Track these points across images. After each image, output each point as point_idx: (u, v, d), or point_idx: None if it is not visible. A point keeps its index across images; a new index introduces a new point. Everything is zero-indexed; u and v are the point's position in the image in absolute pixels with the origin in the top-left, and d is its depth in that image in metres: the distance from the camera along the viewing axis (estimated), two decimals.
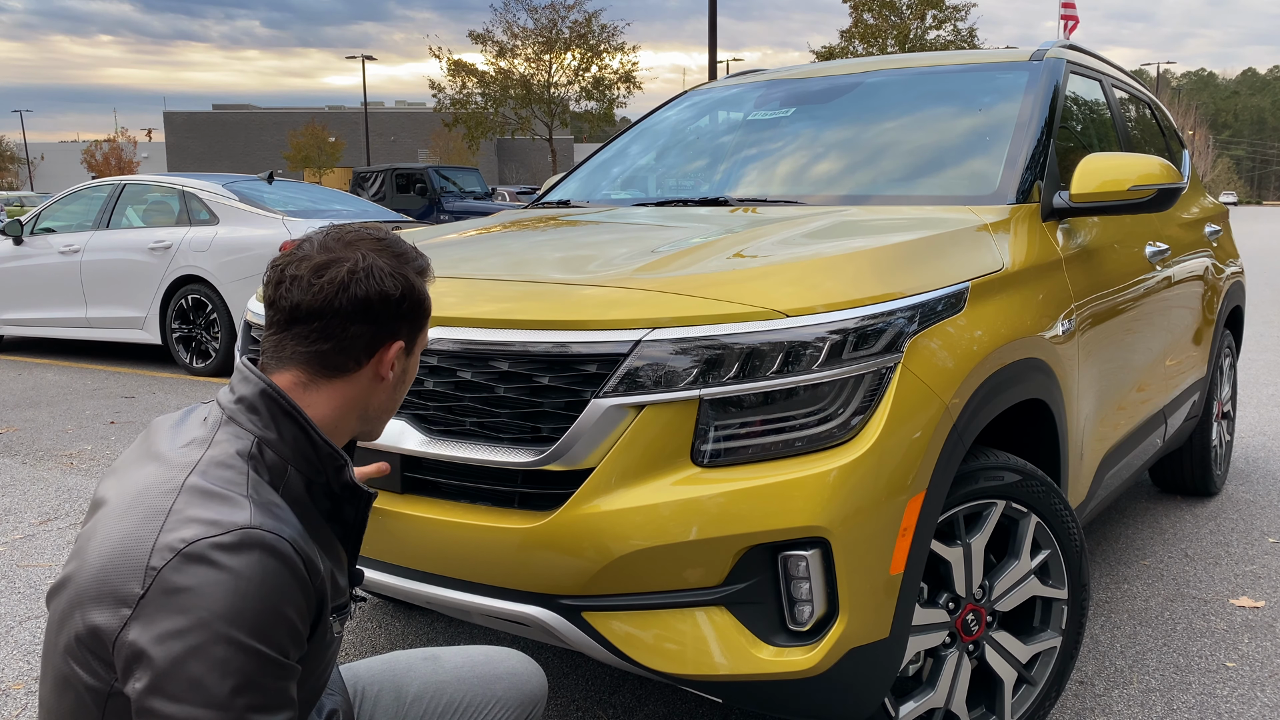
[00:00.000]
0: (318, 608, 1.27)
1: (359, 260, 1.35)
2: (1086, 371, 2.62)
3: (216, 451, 1.28)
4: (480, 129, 42.86)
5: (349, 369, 1.37)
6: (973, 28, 44.28)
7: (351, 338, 1.35)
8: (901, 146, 3.11)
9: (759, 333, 1.83)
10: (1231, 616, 3.11)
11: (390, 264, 1.37)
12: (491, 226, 2.92)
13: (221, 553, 1.15)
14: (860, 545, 1.81)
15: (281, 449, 1.32)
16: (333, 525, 1.40)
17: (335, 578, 1.37)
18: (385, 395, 1.43)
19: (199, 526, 1.17)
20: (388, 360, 1.38)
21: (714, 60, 17.68)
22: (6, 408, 6.61)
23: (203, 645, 1.11)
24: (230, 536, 1.16)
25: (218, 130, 71.59)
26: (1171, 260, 3.47)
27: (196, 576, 1.14)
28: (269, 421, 1.32)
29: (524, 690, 1.74)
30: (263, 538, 1.18)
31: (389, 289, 1.35)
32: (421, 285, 1.42)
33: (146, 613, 1.14)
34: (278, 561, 1.18)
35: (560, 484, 1.86)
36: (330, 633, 1.35)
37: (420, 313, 1.42)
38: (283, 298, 1.35)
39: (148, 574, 1.15)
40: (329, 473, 1.36)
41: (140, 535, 1.18)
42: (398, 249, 1.41)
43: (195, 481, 1.23)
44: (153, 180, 8.59)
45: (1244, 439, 5.37)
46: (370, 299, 1.34)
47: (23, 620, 3.17)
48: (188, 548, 1.15)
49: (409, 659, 1.75)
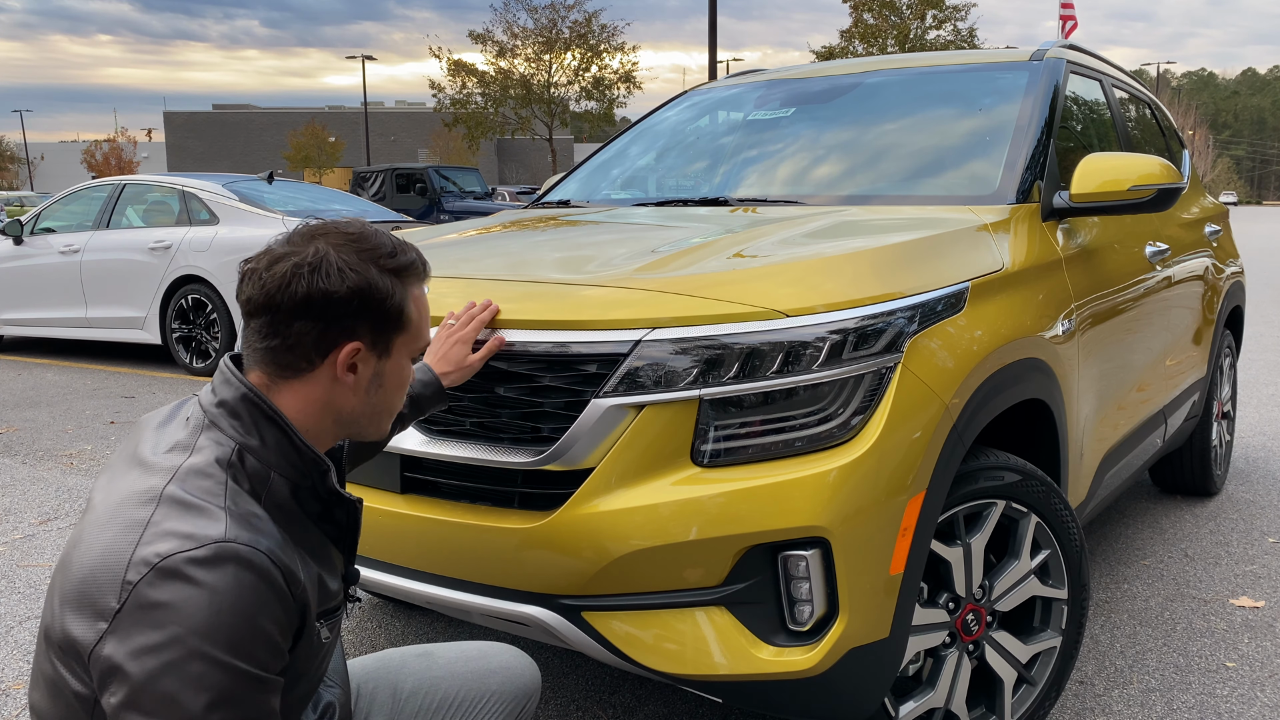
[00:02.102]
0: (300, 618, 1.26)
1: (311, 254, 1.30)
2: (1086, 371, 2.62)
3: (196, 459, 1.26)
4: (480, 129, 42.87)
5: (302, 369, 1.33)
6: (973, 28, 44.32)
7: (296, 335, 1.30)
8: (901, 146, 3.11)
9: (759, 333, 1.83)
10: (1231, 616, 3.11)
11: (348, 259, 1.32)
12: (491, 226, 2.92)
13: (196, 567, 1.14)
14: (860, 545, 1.80)
15: (264, 454, 1.29)
16: (324, 527, 1.38)
17: (324, 582, 1.35)
18: (356, 399, 1.37)
19: (174, 540, 1.15)
20: (341, 361, 1.33)
21: (714, 60, 17.68)
22: (6, 408, 6.61)
23: (177, 661, 1.11)
24: (205, 551, 1.15)
25: (218, 130, 71.58)
26: (1171, 260, 3.47)
27: (171, 592, 1.13)
28: (250, 426, 1.30)
29: (518, 684, 1.74)
30: (238, 551, 1.16)
31: (331, 286, 1.29)
32: (385, 283, 1.34)
33: (122, 627, 1.13)
34: (253, 575, 1.16)
35: (560, 484, 1.86)
36: (318, 638, 1.33)
37: (383, 313, 1.34)
38: (241, 291, 1.33)
39: (124, 588, 1.14)
40: (314, 477, 1.34)
41: (118, 548, 1.17)
42: (366, 244, 1.35)
43: (173, 491, 1.21)
44: (153, 180, 8.59)
45: (1244, 439, 5.37)
46: (310, 295, 1.29)
47: (23, 620, 3.17)
48: (162, 562, 1.14)
49: (403, 656, 1.75)
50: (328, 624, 1.37)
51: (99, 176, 58.54)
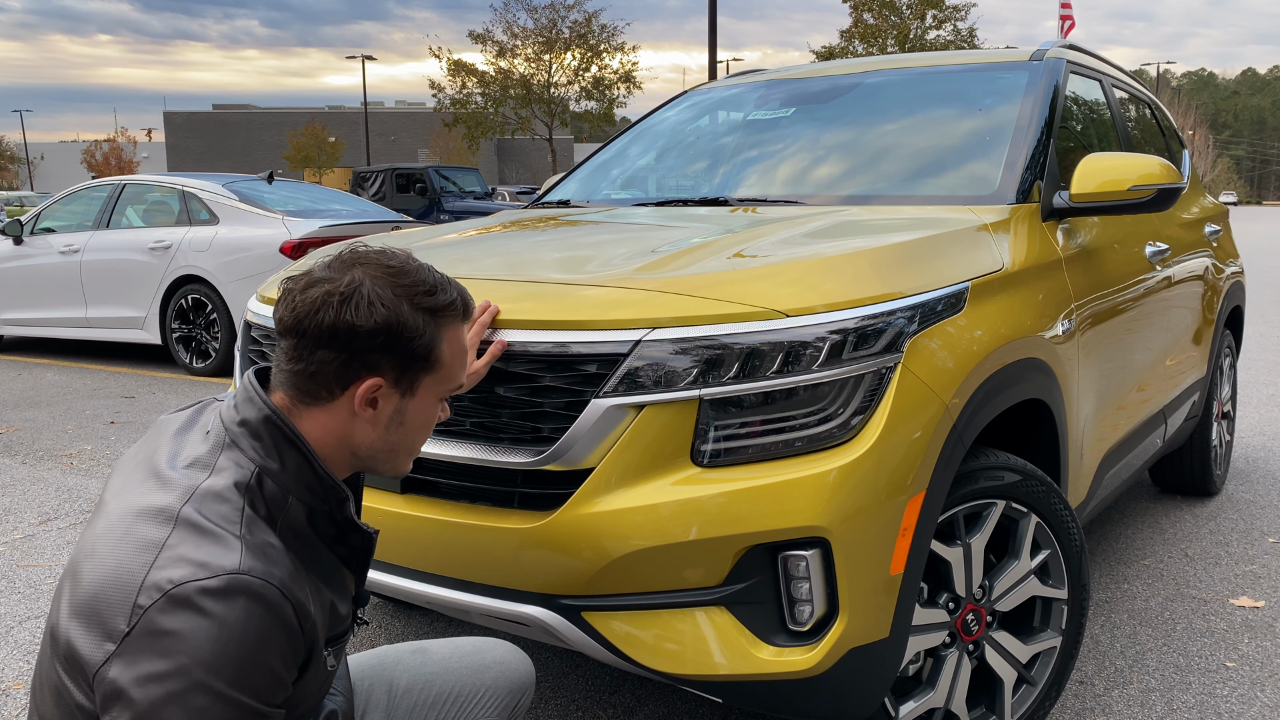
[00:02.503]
0: (307, 651, 1.25)
1: (346, 283, 1.29)
2: (1086, 371, 2.62)
3: (215, 482, 1.25)
4: (480, 129, 42.86)
5: (322, 397, 1.32)
6: (973, 28, 44.33)
7: (319, 363, 1.30)
8: (901, 147, 3.11)
9: (759, 333, 1.83)
10: (1231, 616, 3.11)
11: (382, 293, 1.29)
12: (491, 226, 2.92)
13: (208, 598, 1.13)
14: (860, 545, 1.80)
15: (283, 479, 1.28)
16: (337, 549, 1.38)
17: (335, 607, 1.35)
18: (375, 435, 1.35)
19: (188, 568, 1.15)
20: (360, 395, 1.31)
21: (714, 60, 17.68)
22: (6, 408, 6.61)
23: (182, 692, 1.11)
24: (217, 582, 1.14)
25: (218, 130, 71.58)
26: (1171, 260, 3.47)
27: (181, 621, 1.12)
28: (271, 449, 1.29)
29: (512, 678, 1.75)
30: (250, 584, 1.16)
31: (359, 320, 1.27)
32: (417, 321, 1.31)
33: (129, 651, 1.13)
34: (264, 609, 1.16)
35: (560, 484, 1.86)
36: (324, 666, 1.32)
37: (409, 351, 1.31)
38: (275, 309, 1.34)
39: (134, 611, 1.14)
40: (332, 504, 1.33)
41: (131, 568, 1.17)
42: (404, 279, 1.32)
43: (189, 514, 1.21)
44: (153, 180, 8.59)
45: (1244, 439, 5.37)
46: (337, 326, 1.28)
47: (23, 620, 3.17)
48: (175, 589, 1.13)
49: (397, 653, 1.75)
50: (334, 651, 1.37)
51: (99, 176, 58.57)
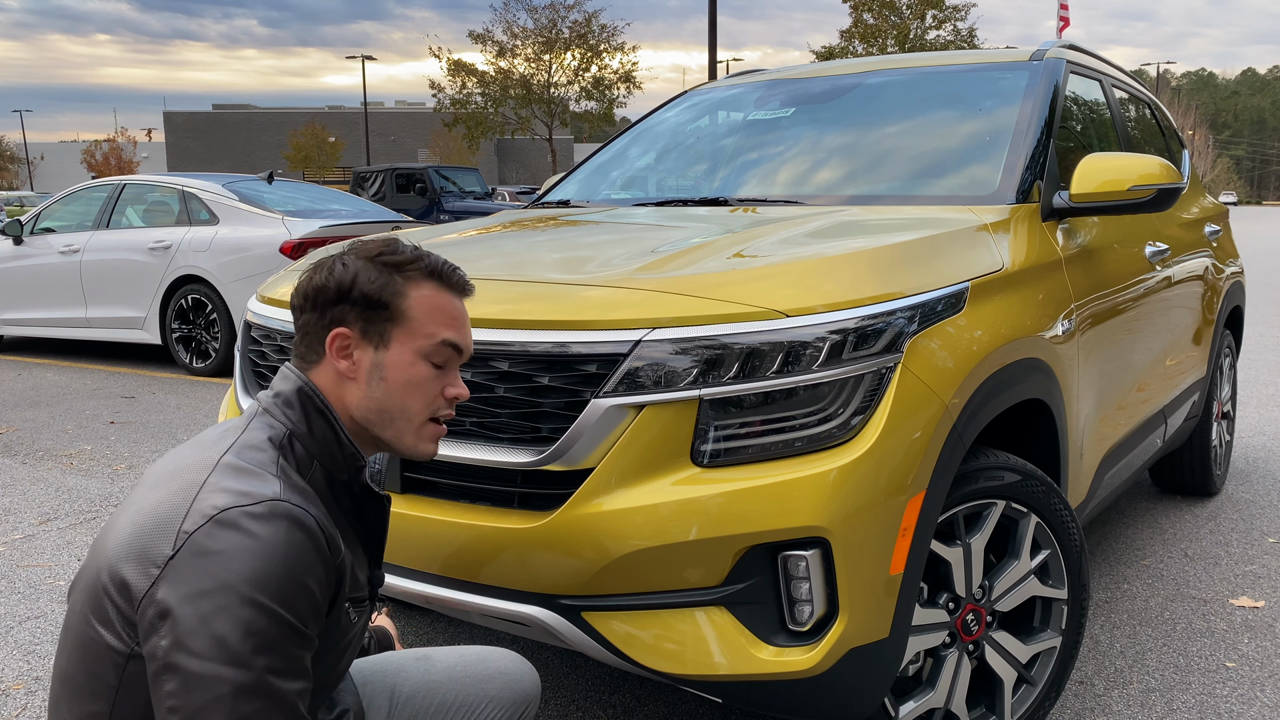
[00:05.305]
0: (336, 585, 1.32)
1: (331, 259, 1.45)
2: (1086, 371, 2.62)
3: (249, 435, 1.35)
4: (480, 129, 42.87)
5: (313, 359, 1.44)
6: (973, 27, 44.36)
7: (304, 327, 1.45)
8: (901, 147, 3.11)
9: (759, 333, 1.83)
10: (1231, 616, 3.12)
11: (350, 259, 1.44)
12: (491, 226, 2.92)
13: (251, 520, 1.21)
14: (860, 545, 1.80)
15: (310, 444, 1.38)
16: (354, 526, 1.45)
17: (355, 571, 1.40)
18: (361, 393, 1.43)
19: (231, 496, 1.23)
20: (329, 345, 1.42)
21: (714, 60, 17.68)
22: (6, 408, 6.61)
23: (228, 606, 1.16)
24: (260, 507, 1.22)
25: (218, 130, 71.60)
26: (1171, 260, 3.47)
27: (226, 541, 1.19)
28: (301, 416, 1.39)
29: (517, 690, 1.74)
30: (290, 510, 1.24)
31: (329, 281, 1.42)
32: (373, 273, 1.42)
33: (175, 573, 1.18)
34: (303, 534, 1.23)
35: (560, 484, 1.86)
36: (347, 618, 1.38)
37: (368, 301, 1.42)
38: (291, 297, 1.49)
39: (179, 536, 1.20)
40: (350, 471, 1.42)
41: (174, 503, 1.25)
42: (375, 245, 1.46)
43: (229, 460, 1.30)
44: (153, 180, 8.59)
45: (1244, 439, 5.37)
46: (308, 289, 1.44)
47: (23, 620, 3.17)
48: (220, 514, 1.21)
49: (400, 660, 1.75)
50: (355, 609, 1.42)
51: (99, 176, 58.52)
